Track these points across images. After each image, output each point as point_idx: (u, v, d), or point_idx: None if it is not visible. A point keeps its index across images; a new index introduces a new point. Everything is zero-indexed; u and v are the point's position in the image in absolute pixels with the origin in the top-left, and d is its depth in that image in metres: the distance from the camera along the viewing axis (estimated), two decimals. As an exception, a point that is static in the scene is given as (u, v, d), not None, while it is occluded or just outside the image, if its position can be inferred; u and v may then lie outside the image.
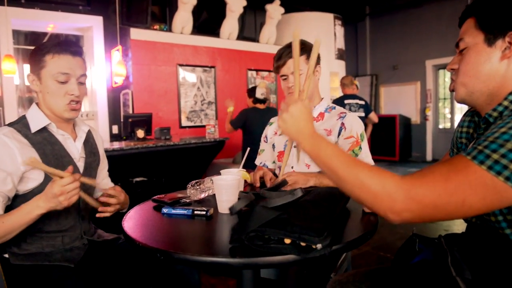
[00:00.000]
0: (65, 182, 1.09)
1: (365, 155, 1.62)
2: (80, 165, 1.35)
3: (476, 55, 0.87)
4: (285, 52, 1.65)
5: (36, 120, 1.26)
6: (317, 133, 0.91)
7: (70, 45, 1.26)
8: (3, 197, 1.17)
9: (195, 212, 1.18)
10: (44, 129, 1.28)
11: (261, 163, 1.87)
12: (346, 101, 4.85)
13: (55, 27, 5.26)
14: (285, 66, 1.66)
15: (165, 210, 1.22)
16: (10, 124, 1.25)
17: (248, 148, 1.62)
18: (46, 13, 4.83)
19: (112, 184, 1.56)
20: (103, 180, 1.55)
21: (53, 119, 1.30)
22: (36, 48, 1.25)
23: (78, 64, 1.27)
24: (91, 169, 1.41)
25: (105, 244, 1.39)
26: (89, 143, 1.43)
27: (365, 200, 0.78)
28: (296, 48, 0.99)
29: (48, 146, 1.26)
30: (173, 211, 1.21)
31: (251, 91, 4.14)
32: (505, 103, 0.84)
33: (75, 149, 1.34)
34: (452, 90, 0.96)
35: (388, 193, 0.74)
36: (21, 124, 1.25)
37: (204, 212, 1.17)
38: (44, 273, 1.20)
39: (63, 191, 1.08)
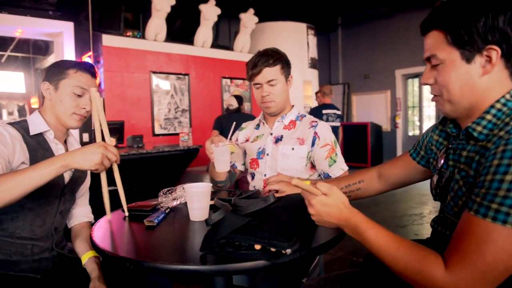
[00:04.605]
0: (110, 146, 1.12)
1: (340, 160, 1.67)
2: (66, 176, 1.37)
3: (456, 73, 0.85)
4: (261, 61, 1.64)
5: (36, 124, 1.32)
6: (347, 219, 0.92)
7: (92, 67, 1.40)
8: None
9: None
10: (41, 135, 1.32)
11: (230, 162, 1.85)
12: (324, 111, 4.89)
13: (24, 32, 5.12)
14: (260, 75, 1.65)
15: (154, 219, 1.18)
16: (10, 124, 1.29)
17: (234, 123, 1.63)
18: (14, 17, 4.69)
19: (91, 215, 1.55)
20: (81, 208, 1.53)
21: (53, 127, 1.35)
22: (59, 61, 1.38)
23: (94, 84, 1.39)
24: (76, 183, 1.44)
25: (74, 260, 1.37)
26: None
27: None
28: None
29: (40, 151, 1.29)
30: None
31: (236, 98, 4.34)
32: (488, 117, 0.83)
33: None
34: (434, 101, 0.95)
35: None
36: (20, 125, 1.29)
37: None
38: (8, 283, 1.18)
39: (106, 147, 1.09)
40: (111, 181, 1.24)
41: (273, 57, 1.65)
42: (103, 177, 1.24)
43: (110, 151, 1.10)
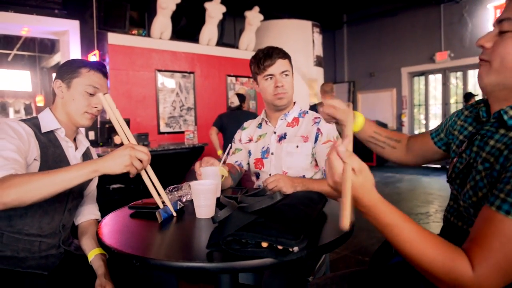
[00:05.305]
0: (138, 146, 1.10)
1: None
2: None
3: None
4: (275, 51, 1.66)
5: (47, 122, 1.33)
6: (368, 206, 0.81)
7: (104, 67, 1.41)
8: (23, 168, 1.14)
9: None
10: (52, 132, 1.33)
11: (236, 161, 1.84)
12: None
13: (30, 30, 5.15)
14: (274, 65, 1.65)
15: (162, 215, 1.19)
16: (21, 120, 1.29)
17: (230, 145, 1.63)
18: (20, 16, 4.72)
19: (98, 212, 1.55)
20: (88, 205, 1.53)
21: (63, 125, 1.36)
22: (71, 60, 1.39)
23: (106, 84, 1.41)
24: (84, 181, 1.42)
25: (81, 257, 1.38)
26: (88, 157, 1.48)
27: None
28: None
29: (51, 148, 1.30)
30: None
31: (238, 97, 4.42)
32: None
33: (74, 158, 1.39)
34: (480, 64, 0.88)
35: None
36: (32, 122, 1.30)
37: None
38: (16, 280, 1.18)
39: (134, 148, 1.07)
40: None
41: (282, 51, 1.70)
42: (144, 177, 1.21)
43: (138, 150, 1.08)
